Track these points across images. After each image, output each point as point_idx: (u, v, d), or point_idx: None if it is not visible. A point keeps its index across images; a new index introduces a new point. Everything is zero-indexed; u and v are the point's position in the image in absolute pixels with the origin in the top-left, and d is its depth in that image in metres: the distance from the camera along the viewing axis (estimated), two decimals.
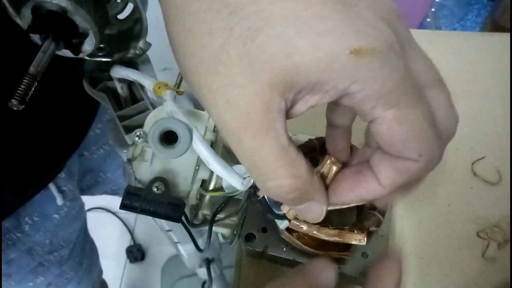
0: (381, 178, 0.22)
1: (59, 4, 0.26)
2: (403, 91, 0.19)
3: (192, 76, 0.20)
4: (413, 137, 0.19)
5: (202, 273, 0.64)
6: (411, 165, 0.20)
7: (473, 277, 0.42)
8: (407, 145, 0.20)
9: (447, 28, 1.23)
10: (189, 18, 0.19)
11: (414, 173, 0.21)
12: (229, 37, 0.18)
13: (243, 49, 0.18)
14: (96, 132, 0.62)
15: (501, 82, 0.54)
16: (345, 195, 0.24)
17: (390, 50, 0.18)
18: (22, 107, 0.25)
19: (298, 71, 0.18)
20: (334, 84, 0.18)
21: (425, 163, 0.20)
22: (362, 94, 0.19)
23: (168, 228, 0.44)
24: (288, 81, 0.18)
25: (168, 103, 0.27)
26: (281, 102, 0.19)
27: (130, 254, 1.38)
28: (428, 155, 0.20)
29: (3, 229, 0.49)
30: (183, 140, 0.26)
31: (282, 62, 0.18)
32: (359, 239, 0.32)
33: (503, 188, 0.46)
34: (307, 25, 0.18)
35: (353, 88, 0.18)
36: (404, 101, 0.19)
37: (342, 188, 0.24)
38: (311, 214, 0.24)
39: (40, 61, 0.26)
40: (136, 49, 0.34)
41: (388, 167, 0.21)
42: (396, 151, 0.20)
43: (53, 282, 0.62)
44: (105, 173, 0.72)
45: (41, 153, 0.48)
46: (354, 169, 0.24)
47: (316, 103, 0.20)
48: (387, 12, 0.20)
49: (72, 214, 0.60)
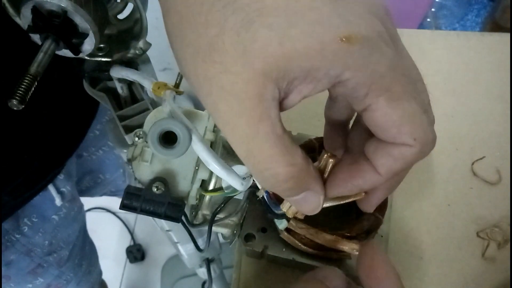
0: (378, 166, 0.22)
1: (59, 4, 0.26)
2: (394, 77, 0.19)
3: (189, 66, 0.20)
4: (407, 121, 0.20)
5: (202, 273, 0.64)
6: (406, 150, 0.21)
7: (473, 277, 0.42)
8: (401, 130, 0.20)
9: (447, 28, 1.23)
10: (186, 9, 0.20)
11: (410, 158, 0.21)
12: (224, 27, 0.19)
13: (237, 38, 0.18)
14: (95, 133, 0.62)
15: (501, 82, 0.54)
16: (343, 186, 0.24)
17: (379, 38, 0.19)
18: (22, 107, 0.25)
19: (291, 58, 0.18)
20: (326, 71, 0.19)
21: (420, 147, 0.20)
22: (354, 81, 0.19)
23: (168, 228, 0.44)
24: (281, 69, 0.18)
25: (168, 103, 0.27)
26: (274, 90, 0.19)
27: (130, 254, 1.38)
28: (422, 139, 0.20)
29: (2, 231, 0.49)
30: (182, 140, 0.26)
31: (274, 49, 0.18)
32: (354, 248, 0.32)
33: (503, 188, 0.46)
34: (298, 15, 0.18)
35: (345, 75, 0.19)
36: (395, 86, 0.19)
37: (340, 179, 0.24)
38: (308, 205, 0.24)
39: (40, 61, 0.26)
40: (136, 49, 0.34)
41: (384, 154, 0.22)
42: (390, 137, 0.21)
43: (52, 283, 0.62)
44: (104, 175, 0.72)
45: (40, 154, 0.48)
46: (350, 161, 0.24)
47: (309, 93, 0.20)
48: (376, 8, 0.20)
49: (71, 215, 0.60)
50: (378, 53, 0.19)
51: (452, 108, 0.52)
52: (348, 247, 0.32)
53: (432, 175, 0.47)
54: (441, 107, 0.52)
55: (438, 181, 0.47)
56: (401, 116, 0.20)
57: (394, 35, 0.21)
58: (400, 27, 0.23)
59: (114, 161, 0.70)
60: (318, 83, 0.19)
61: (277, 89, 0.19)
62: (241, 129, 0.20)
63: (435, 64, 0.55)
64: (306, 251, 0.34)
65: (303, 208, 0.24)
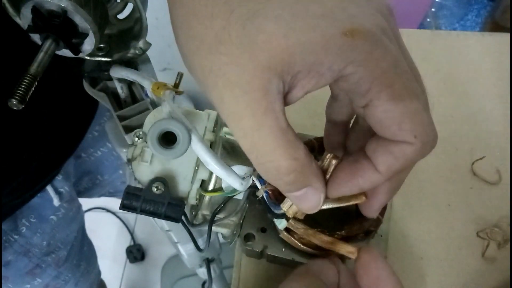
0: (378, 164, 0.22)
1: (59, 4, 0.26)
2: (397, 73, 0.19)
3: (194, 58, 0.20)
4: (408, 118, 0.20)
5: (202, 273, 0.64)
6: (407, 148, 0.21)
7: (473, 277, 0.42)
8: (402, 127, 0.20)
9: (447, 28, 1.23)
10: (192, 2, 0.20)
11: (410, 157, 0.21)
12: (230, 19, 0.19)
13: (242, 31, 0.18)
14: (94, 134, 0.62)
15: (501, 82, 0.54)
16: (343, 186, 0.24)
17: (382, 34, 0.19)
18: (22, 107, 0.25)
19: (295, 52, 0.18)
20: (329, 65, 0.19)
21: (421, 145, 0.20)
22: (357, 76, 0.19)
23: (168, 228, 0.44)
24: (286, 62, 0.18)
25: (167, 103, 0.27)
26: (279, 83, 0.19)
27: (130, 254, 1.38)
28: (423, 137, 0.20)
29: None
30: (182, 140, 0.26)
31: (279, 42, 0.18)
32: (351, 252, 0.31)
33: (503, 188, 0.46)
34: (303, 9, 0.18)
35: (348, 70, 0.19)
36: (398, 82, 0.19)
37: (340, 179, 0.24)
38: (308, 202, 0.24)
39: (40, 61, 0.26)
40: (136, 49, 0.34)
41: (384, 152, 0.21)
42: (391, 134, 0.21)
43: (50, 284, 0.62)
44: (103, 176, 0.71)
45: (39, 154, 0.48)
46: (351, 160, 0.24)
47: (312, 88, 0.20)
48: (380, 6, 0.20)
49: (69, 216, 0.60)
50: (381, 48, 0.19)
51: (452, 108, 0.52)
52: (345, 251, 0.32)
53: (432, 175, 0.47)
54: (441, 107, 0.52)
55: (438, 181, 0.47)
56: (402, 113, 0.20)
57: (397, 33, 0.21)
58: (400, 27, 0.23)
59: (112, 162, 0.70)
60: (321, 78, 0.19)
61: (281, 82, 0.19)
62: (246, 121, 0.20)
63: (435, 64, 0.55)
64: (305, 251, 0.34)
65: (303, 205, 0.24)
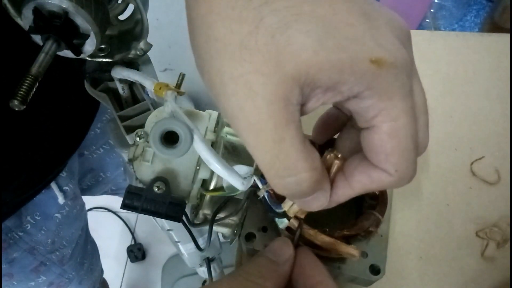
0: (353, 182, 0.23)
1: (60, 5, 0.26)
2: (404, 109, 0.20)
3: (212, 61, 0.19)
4: (397, 153, 0.21)
5: (202, 272, 0.65)
6: (385, 177, 0.22)
7: (472, 276, 0.42)
8: (389, 159, 0.21)
9: (446, 28, 1.23)
10: (219, 2, 0.19)
11: (385, 185, 0.22)
12: (259, 26, 0.18)
13: (271, 40, 0.18)
14: (96, 131, 0.63)
15: (500, 83, 0.54)
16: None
17: (403, 68, 0.20)
18: (24, 108, 0.25)
19: (322, 68, 0.18)
20: (350, 87, 0.19)
21: (398, 179, 0.21)
22: (370, 102, 0.20)
23: (168, 227, 0.45)
24: (310, 76, 0.18)
25: (169, 103, 0.28)
26: (299, 95, 0.19)
27: (131, 254, 1.38)
28: (403, 173, 0.21)
29: (5, 229, 0.50)
30: (184, 140, 0.26)
31: (308, 56, 0.18)
32: (353, 254, 0.31)
33: (502, 188, 0.47)
34: (335, 28, 0.18)
35: (365, 94, 0.19)
36: (402, 118, 0.20)
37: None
38: (316, 203, 0.24)
39: (42, 61, 0.26)
40: (137, 50, 0.34)
41: (363, 173, 0.22)
42: (376, 161, 0.21)
43: (54, 281, 0.62)
44: (105, 173, 0.72)
45: (42, 152, 0.49)
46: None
47: (327, 101, 0.20)
48: (401, 32, 0.21)
49: (73, 214, 0.60)
50: (399, 82, 0.19)
51: (451, 108, 0.52)
52: (346, 252, 0.32)
53: (432, 175, 0.47)
54: (440, 107, 0.52)
55: (437, 181, 0.47)
56: (394, 147, 0.20)
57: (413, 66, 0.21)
58: None
59: (114, 160, 0.70)
60: (337, 94, 0.20)
61: (301, 95, 0.19)
62: (268, 133, 0.19)
63: (434, 65, 0.55)
64: None
65: (311, 205, 0.24)
